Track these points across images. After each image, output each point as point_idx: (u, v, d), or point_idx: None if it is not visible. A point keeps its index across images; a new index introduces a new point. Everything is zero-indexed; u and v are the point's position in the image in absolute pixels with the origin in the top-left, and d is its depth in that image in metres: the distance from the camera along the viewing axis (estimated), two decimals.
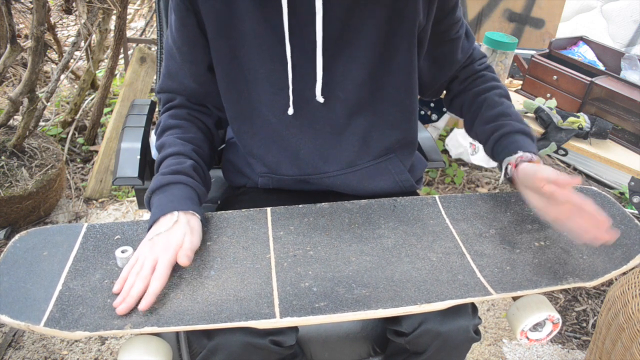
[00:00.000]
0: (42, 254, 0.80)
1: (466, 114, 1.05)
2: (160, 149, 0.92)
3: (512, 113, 0.97)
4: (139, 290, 0.72)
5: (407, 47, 0.93)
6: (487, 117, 0.98)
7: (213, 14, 0.88)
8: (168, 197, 0.83)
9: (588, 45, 1.75)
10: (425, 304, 0.74)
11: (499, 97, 0.99)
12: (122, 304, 0.71)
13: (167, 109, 0.98)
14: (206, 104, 1.00)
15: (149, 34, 3.04)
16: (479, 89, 1.02)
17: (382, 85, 0.95)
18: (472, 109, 1.02)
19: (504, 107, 0.98)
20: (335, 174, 0.99)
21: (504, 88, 1.02)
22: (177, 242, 0.78)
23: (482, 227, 0.91)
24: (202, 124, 0.99)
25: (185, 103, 0.98)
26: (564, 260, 0.84)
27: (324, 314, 0.72)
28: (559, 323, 0.84)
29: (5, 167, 1.85)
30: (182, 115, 0.96)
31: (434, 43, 0.97)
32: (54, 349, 1.52)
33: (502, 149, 0.93)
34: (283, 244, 0.84)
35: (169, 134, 0.94)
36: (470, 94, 1.03)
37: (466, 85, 1.05)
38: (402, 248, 0.85)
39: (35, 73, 1.77)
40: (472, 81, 1.04)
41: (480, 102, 1.01)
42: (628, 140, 1.45)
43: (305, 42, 0.89)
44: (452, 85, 1.07)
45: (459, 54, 1.02)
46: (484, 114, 0.99)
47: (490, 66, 1.07)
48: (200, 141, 0.95)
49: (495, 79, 1.04)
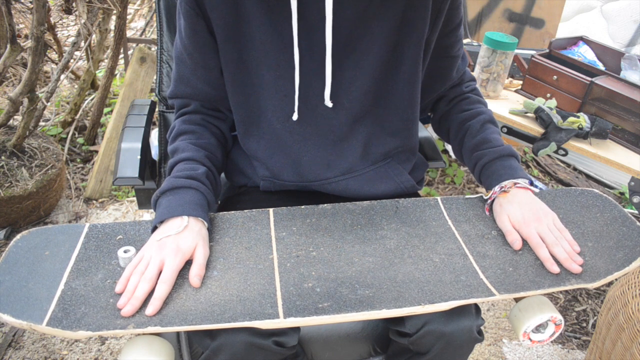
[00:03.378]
0: (44, 253, 0.80)
1: (452, 141, 1.07)
2: (173, 154, 0.92)
3: (492, 139, 0.99)
4: (144, 291, 0.72)
5: (413, 57, 0.93)
6: (470, 146, 1.01)
7: (221, 19, 0.88)
8: (178, 201, 0.83)
9: (588, 45, 1.75)
10: (429, 304, 0.74)
11: (481, 125, 1.01)
12: (127, 306, 0.71)
13: (181, 114, 0.98)
14: (220, 108, 1.00)
15: (149, 34, 3.04)
16: (463, 115, 1.04)
17: (386, 93, 0.95)
18: (458, 137, 1.05)
19: (485, 134, 1.00)
20: (337, 180, 1.00)
21: (488, 112, 1.04)
22: (187, 248, 0.78)
23: (484, 228, 0.91)
24: (217, 129, 0.99)
25: (200, 109, 0.98)
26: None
27: (327, 314, 0.72)
28: (562, 324, 0.84)
29: (5, 167, 1.85)
30: (196, 120, 0.97)
31: (434, 57, 0.98)
32: (54, 349, 1.51)
33: (484, 184, 0.99)
34: (286, 244, 0.84)
35: (182, 138, 0.94)
36: (456, 120, 1.05)
37: (452, 106, 1.07)
38: (404, 249, 0.85)
39: (35, 73, 1.77)
40: (457, 102, 1.06)
41: (464, 130, 1.03)
42: (628, 140, 1.45)
43: (314, 48, 0.89)
44: (438, 104, 1.09)
45: (453, 72, 1.04)
46: (466, 143, 1.02)
47: (476, 89, 1.09)
48: (213, 147, 0.96)
49: (481, 102, 1.07)
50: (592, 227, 0.91)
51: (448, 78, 1.04)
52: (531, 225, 0.87)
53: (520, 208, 0.89)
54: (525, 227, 0.87)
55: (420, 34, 0.91)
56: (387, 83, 0.94)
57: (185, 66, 0.95)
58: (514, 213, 0.89)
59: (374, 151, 1.00)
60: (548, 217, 0.89)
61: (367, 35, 0.89)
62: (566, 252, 0.84)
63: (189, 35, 0.92)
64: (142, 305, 0.72)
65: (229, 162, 1.10)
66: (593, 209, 0.94)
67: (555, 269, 0.82)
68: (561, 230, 0.88)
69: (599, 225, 0.91)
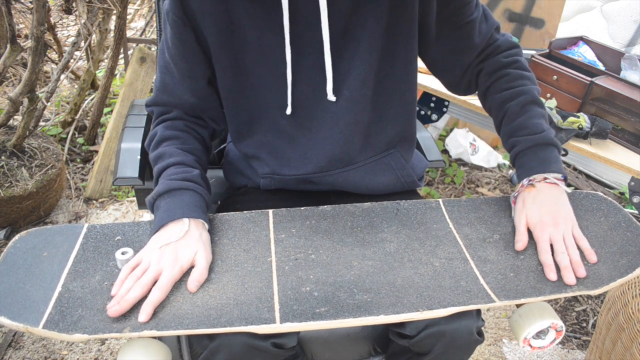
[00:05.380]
0: (41, 254, 0.79)
1: (494, 120, 1.01)
2: (159, 160, 0.90)
3: (530, 125, 0.93)
4: (136, 296, 0.72)
5: (406, 35, 0.92)
6: (507, 131, 0.95)
7: (214, 26, 0.88)
8: (177, 203, 0.83)
9: (588, 45, 1.75)
10: (427, 310, 0.74)
11: (521, 107, 0.94)
12: (115, 306, 0.70)
13: (162, 121, 0.96)
14: (203, 117, 0.99)
15: (149, 34, 3.03)
16: (502, 95, 0.96)
17: (383, 78, 0.94)
18: (497, 119, 0.99)
19: (523, 120, 0.93)
20: (338, 171, 0.99)
21: (530, 92, 0.95)
22: (185, 259, 0.78)
23: (486, 232, 0.90)
24: (199, 135, 0.98)
25: (182, 115, 0.96)
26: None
27: (324, 320, 0.71)
28: (562, 331, 0.82)
29: (5, 167, 1.85)
30: (179, 126, 0.95)
31: (447, 31, 0.94)
32: (54, 349, 1.51)
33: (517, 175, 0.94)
34: (284, 247, 0.84)
35: (167, 144, 0.92)
36: (495, 102, 0.98)
37: (492, 82, 0.98)
38: (404, 253, 0.84)
39: (35, 73, 1.77)
40: (497, 79, 0.98)
41: (503, 113, 0.96)
42: (628, 140, 1.44)
43: (311, 42, 0.89)
44: (479, 79, 1.01)
45: (475, 38, 0.96)
46: (504, 127, 0.96)
47: (519, 60, 0.99)
48: (200, 152, 0.95)
49: (524, 77, 0.97)
50: (596, 232, 0.88)
51: (471, 46, 0.96)
52: (546, 229, 0.85)
53: (540, 209, 0.87)
54: (539, 229, 0.85)
55: (412, 10, 0.89)
56: (384, 67, 0.93)
57: (171, 76, 0.94)
58: (532, 213, 0.87)
59: (375, 140, 0.99)
60: (567, 224, 0.86)
61: (361, 23, 0.89)
62: (572, 261, 0.81)
63: (176, 45, 0.91)
64: (136, 310, 0.71)
65: (228, 165, 1.09)
66: (597, 213, 0.92)
67: (552, 276, 0.80)
68: (578, 238, 0.85)
69: (602, 230, 0.89)
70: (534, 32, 2.40)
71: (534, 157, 0.91)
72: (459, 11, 0.92)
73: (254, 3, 0.87)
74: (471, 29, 0.95)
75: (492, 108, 1.00)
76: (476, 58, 0.99)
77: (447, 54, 0.98)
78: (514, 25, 2.40)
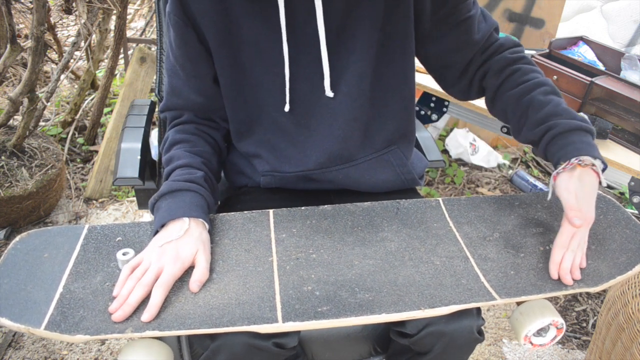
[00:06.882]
0: (42, 255, 0.79)
1: (512, 119, 0.95)
2: (169, 162, 0.92)
3: (563, 111, 0.88)
4: (138, 297, 0.72)
5: (403, 32, 0.92)
6: (536, 120, 0.90)
7: (212, 26, 0.89)
8: (177, 203, 0.83)
9: (588, 45, 1.75)
10: (429, 309, 0.74)
11: (544, 96, 0.90)
12: (118, 311, 0.70)
13: (174, 125, 0.98)
14: (213, 118, 1.00)
15: (149, 34, 3.03)
16: (520, 88, 0.92)
17: (381, 74, 0.95)
18: (518, 113, 0.93)
19: (552, 106, 0.89)
20: (338, 168, 0.99)
21: (548, 83, 0.92)
22: (186, 256, 0.78)
23: (486, 230, 0.90)
24: (211, 138, 0.99)
25: (193, 118, 0.98)
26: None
27: (326, 319, 0.71)
28: (563, 328, 0.83)
29: (5, 167, 1.85)
30: (190, 130, 0.96)
31: (444, 27, 0.94)
32: (54, 349, 1.52)
33: (553, 154, 0.88)
34: (285, 246, 0.84)
35: (177, 147, 0.93)
36: (513, 97, 0.93)
37: (504, 79, 0.95)
38: (405, 252, 0.84)
39: (35, 73, 1.77)
40: (508, 76, 0.95)
41: (525, 104, 0.91)
42: (628, 140, 1.44)
43: (308, 39, 0.89)
44: (486, 80, 0.98)
45: (474, 35, 0.94)
46: (531, 117, 0.90)
47: (526, 57, 0.97)
48: (209, 154, 0.95)
49: (535, 71, 0.94)
50: (595, 230, 0.89)
51: (470, 43, 0.95)
52: (576, 222, 0.81)
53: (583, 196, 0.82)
54: (572, 217, 0.81)
55: (406, 7, 0.90)
56: (381, 62, 0.93)
57: (177, 78, 0.95)
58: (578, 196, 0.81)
59: (375, 137, 0.99)
60: (590, 224, 0.83)
61: (357, 19, 0.89)
62: (574, 262, 0.81)
63: (180, 46, 0.92)
64: (138, 310, 0.71)
65: (228, 164, 1.10)
66: (596, 211, 0.92)
67: (554, 275, 0.80)
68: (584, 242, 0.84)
69: (602, 228, 0.90)
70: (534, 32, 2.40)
71: (579, 139, 0.85)
72: (456, 8, 0.92)
73: (251, 1, 0.87)
74: (469, 25, 0.94)
75: (508, 106, 0.95)
76: (477, 57, 0.98)
77: (445, 52, 0.98)
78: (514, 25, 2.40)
